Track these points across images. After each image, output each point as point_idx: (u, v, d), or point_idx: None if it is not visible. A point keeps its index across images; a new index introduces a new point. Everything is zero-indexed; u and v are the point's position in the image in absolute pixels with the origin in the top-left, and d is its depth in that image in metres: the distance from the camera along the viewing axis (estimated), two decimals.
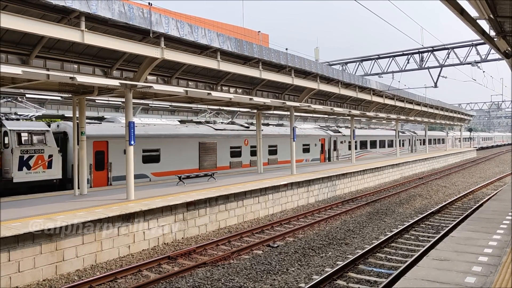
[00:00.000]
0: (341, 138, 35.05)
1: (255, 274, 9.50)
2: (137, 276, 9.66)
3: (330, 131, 34.76)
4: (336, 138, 34.40)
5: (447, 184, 26.46)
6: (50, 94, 22.49)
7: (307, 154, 30.20)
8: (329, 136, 33.62)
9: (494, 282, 5.92)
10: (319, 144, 31.86)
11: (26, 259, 9.00)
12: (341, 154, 34.83)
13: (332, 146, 33.68)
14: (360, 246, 11.78)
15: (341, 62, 34.77)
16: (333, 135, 34.08)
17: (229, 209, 14.74)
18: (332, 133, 34.41)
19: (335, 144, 34.16)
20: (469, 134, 72.72)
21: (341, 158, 34.57)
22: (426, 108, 38.47)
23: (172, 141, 20.58)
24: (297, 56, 18.46)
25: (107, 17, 10.65)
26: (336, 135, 34.61)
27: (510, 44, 12.48)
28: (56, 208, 11.61)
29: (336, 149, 34.31)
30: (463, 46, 28.00)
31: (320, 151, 31.95)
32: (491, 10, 9.04)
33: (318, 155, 31.69)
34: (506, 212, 11.04)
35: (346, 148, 35.19)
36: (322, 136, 32.51)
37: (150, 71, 13.67)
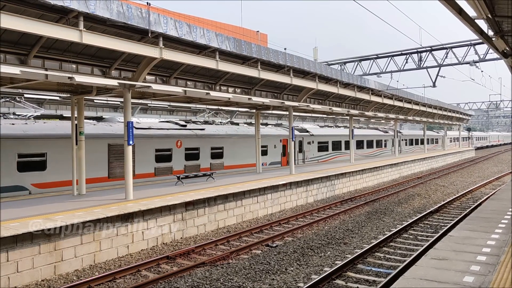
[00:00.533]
0: (309, 139, 31.28)
1: (254, 274, 9.50)
2: (136, 276, 9.65)
3: (296, 131, 30.09)
4: (302, 138, 30.64)
5: (446, 183, 26.50)
6: (49, 94, 22.44)
7: (264, 156, 25.91)
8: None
9: (492, 281, 5.93)
10: (280, 146, 28.12)
11: (25, 259, 8.99)
12: (308, 156, 31.08)
13: (298, 147, 29.92)
14: (359, 246, 11.79)
15: (339, 62, 34.77)
16: (298, 134, 30.02)
17: (228, 209, 14.74)
18: (298, 132, 30.11)
19: (301, 145, 30.49)
20: (457, 134, 71.45)
21: (308, 161, 30.99)
22: (425, 107, 38.52)
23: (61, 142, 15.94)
24: (295, 56, 18.47)
25: (105, 17, 10.63)
26: (303, 134, 30.94)
27: (508, 44, 12.50)
28: (55, 208, 11.60)
29: (302, 151, 30.72)
30: (461, 46, 28.01)
31: (281, 153, 28.35)
32: (489, 10, 9.05)
33: (279, 158, 28.05)
34: (505, 212, 11.06)
35: (315, 150, 31.82)
36: (283, 136, 28.31)
37: (148, 71, 13.66)
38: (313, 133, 32.06)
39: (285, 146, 28.22)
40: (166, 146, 20.29)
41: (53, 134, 16.09)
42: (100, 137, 17.49)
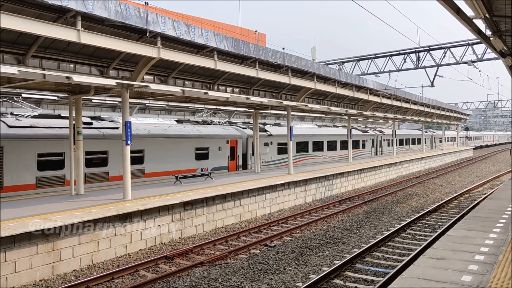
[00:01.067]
0: (266, 139, 26.85)
1: (253, 273, 9.50)
2: (134, 276, 9.64)
3: (249, 130, 26.53)
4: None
5: (444, 183, 26.55)
6: (47, 94, 22.45)
7: (205, 161, 22.29)
8: (246, 137, 25.61)
9: (490, 280, 5.94)
10: (226, 148, 23.86)
11: (23, 260, 8.96)
12: (265, 160, 26.61)
13: (251, 149, 25.55)
14: (357, 245, 11.81)
15: (338, 62, 34.79)
16: (251, 134, 25.22)
17: (226, 209, 14.73)
18: (251, 132, 25.61)
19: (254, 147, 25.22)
20: (449, 134, 67.36)
21: (265, 165, 26.36)
22: (423, 107, 38.58)
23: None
24: (294, 55, 18.47)
25: (103, 16, 10.61)
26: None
27: (506, 43, 12.53)
28: (53, 208, 11.57)
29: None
30: (459, 46, 28.07)
31: (228, 157, 24.12)
32: (487, 9, 9.07)
33: (225, 162, 23.78)
34: (502, 211, 11.09)
35: (274, 152, 27.58)
36: (231, 136, 24.45)
37: (146, 71, 13.64)
38: (271, 132, 27.67)
39: (233, 148, 24.30)
40: (56, 150, 16.23)
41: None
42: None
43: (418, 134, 53.91)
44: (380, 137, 43.24)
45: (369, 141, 40.80)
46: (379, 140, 43.11)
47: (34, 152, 15.49)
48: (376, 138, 42.45)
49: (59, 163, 16.44)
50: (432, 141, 59.74)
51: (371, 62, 32.14)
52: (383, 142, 43.83)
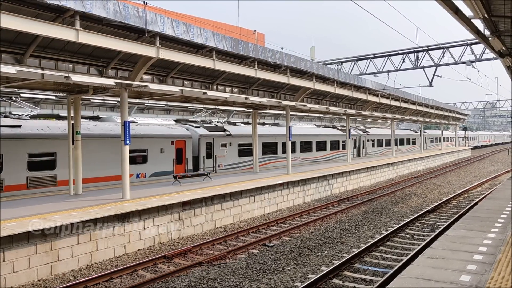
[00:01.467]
0: (224, 140, 23.86)
1: (251, 273, 9.50)
2: (133, 276, 9.63)
3: (203, 129, 23.27)
4: (213, 139, 23.25)
5: (442, 183, 26.58)
6: (45, 94, 22.40)
7: (141, 165, 19.16)
8: (198, 137, 22.49)
9: (488, 280, 5.95)
10: (171, 150, 20.77)
11: (21, 259, 8.95)
12: (222, 163, 23.66)
13: (204, 151, 22.69)
14: (355, 245, 11.81)
15: (336, 62, 34.83)
16: (205, 134, 22.70)
17: (225, 209, 14.73)
18: (205, 131, 22.98)
19: (209, 149, 22.97)
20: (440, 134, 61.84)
21: (223, 170, 23.51)
22: (422, 107, 38.63)
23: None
24: (292, 55, 18.48)
25: (102, 16, 10.60)
26: (213, 134, 23.25)
27: (504, 44, 12.55)
28: (51, 208, 11.56)
29: (213, 156, 23.21)
30: (458, 46, 28.12)
31: (174, 160, 20.99)
32: (486, 9, 9.08)
33: (170, 166, 20.68)
34: (501, 211, 11.10)
35: (234, 154, 24.55)
36: (178, 136, 21.31)
37: (145, 71, 13.63)
38: (231, 132, 24.71)
39: (181, 150, 21.26)
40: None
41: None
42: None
43: (407, 134, 51.31)
44: (363, 137, 39.62)
45: (351, 142, 35.98)
46: (363, 140, 39.50)
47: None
48: (359, 139, 38.89)
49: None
50: (423, 142, 55.19)
51: (370, 62, 32.20)
52: (367, 142, 40.09)
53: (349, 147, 30.25)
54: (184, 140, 21.54)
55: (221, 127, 24.80)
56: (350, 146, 33.75)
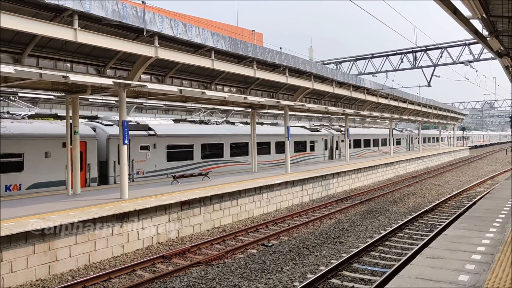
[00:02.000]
0: (143, 141, 19.39)
1: (250, 273, 9.50)
2: (131, 275, 9.62)
3: (116, 128, 18.32)
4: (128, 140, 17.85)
5: (441, 182, 26.62)
6: (43, 93, 22.33)
7: (15, 175, 15.01)
8: (106, 137, 18.26)
9: (487, 280, 5.96)
10: (63, 153, 15.63)
11: (19, 259, 8.93)
12: (144, 169, 19.41)
13: (116, 155, 18.01)
14: (354, 245, 11.82)
15: (335, 61, 34.86)
16: (116, 135, 17.46)
17: (224, 208, 14.72)
18: (100, 128, 18.54)
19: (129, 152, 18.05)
20: (430, 133, 59.29)
21: (143, 178, 19.30)
22: (420, 107, 38.66)
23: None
24: (291, 55, 18.48)
25: (100, 15, 10.59)
26: (135, 133, 18.83)
27: (502, 43, 12.58)
28: (49, 208, 11.54)
29: (131, 160, 18.62)
30: (456, 46, 28.19)
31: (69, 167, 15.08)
32: (484, 9, 9.09)
33: (60, 175, 15.94)
34: (499, 211, 11.12)
35: (160, 159, 19.99)
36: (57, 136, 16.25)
37: (144, 70, 13.61)
38: (157, 131, 20.21)
39: (81, 153, 16.20)
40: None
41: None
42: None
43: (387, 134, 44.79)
44: (337, 137, 35.51)
45: (320, 142, 32.99)
46: (336, 140, 35.33)
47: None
48: (331, 138, 34.74)
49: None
50: (409, 141, 51.87)
51: (368, 62, 32.25)
52: (341, 143, 35.55)
53: (347, 146, 30.21)
54: (84, 141, 16.90)
55: (143, 125, 20.32)
56: (321, 147, 32.71)
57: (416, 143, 52.74)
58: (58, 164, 15.90)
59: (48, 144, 16.00)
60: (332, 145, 35.02)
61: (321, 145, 33.17)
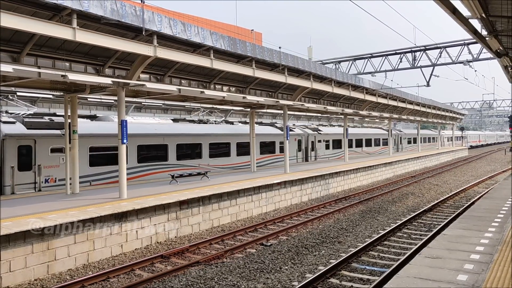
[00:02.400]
0: (54, 142, 16.41)
1: (249, 272, 9.49)
2: (130, 275, 9.61)
3: (18, 126, 15.94)
4: (34, 141, 15.88)
5: (439, 182, 26.64)
6: (42, 92, 22.30)
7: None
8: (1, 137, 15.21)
9: (485, 279, 5.96)
10: None
11: (17, 259, 8.91)
12: (56, 177, 16.35)
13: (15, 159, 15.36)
14: (353, 245, 11.82)
15: (334, 61, 34.85)
16: (14, 134, 15.42)
17: (222, 208, 14.71)
18: (19, 129, 15.76)
19: (28, 155, 15.70)
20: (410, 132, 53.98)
21: (53, 187, 16.16)
22: (419, 107, 38.69)
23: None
24: (290, 54, 18.47)
25: (99, 14, 10.57)
26: (32, 134, 15.86)
27: (501, 43, 12.58)
28: (48, 207, 11.52)
29: (34, 166, 15.73)
30: (455, 45, 28.20)
31: None
32: (483, 9, 9.10)
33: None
34: (498, 210, 11.13)
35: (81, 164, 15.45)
36: None
37: (143, 69, 13.60)
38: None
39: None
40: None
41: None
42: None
43: (376, 133, 43.33)
44: (313, 137, 32.68)
45: (293, 143, 29.96)
46: (311, 141, 32.52)
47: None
48: (306, 139, 31.94)
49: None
50: (397, 142, 48.35)
51: (368, 61, 32.25)
52: (318, 143, 33.14)
53: (346, 146, 30.20)
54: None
55: (57, 123, 16.92)
56: (293, 149, 29.44)
57: (405, 144, 50.39)
58: None
59: None
60: (307, 146, 32.13)
61: (294, 146, 30.14)
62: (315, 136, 32.93)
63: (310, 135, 32.45)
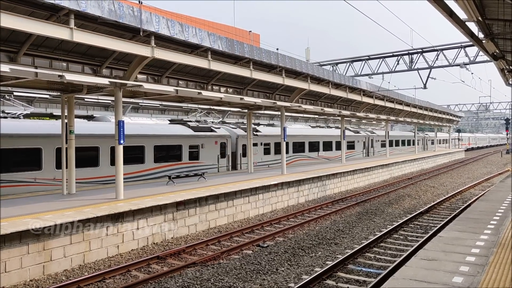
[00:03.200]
0: None
1: (245, 274, 9.49)
2: (126, 276, 9.59)
3: None
4: None
5: (436, 184, 26.70)
6: (39, 92, 22.26)
7: None
8: None
9: (481, 282, 5.98)
10: None
11: (13, 259, 8.88)
12: None
13: None
14: (349, 246, 11.83)
15: (331, 63, 34.88)
16: None
17: (219, 209, 14.71)
18: None
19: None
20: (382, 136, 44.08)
21: None
22: (416, 109, 38.79)
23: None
24: (288, 56, 18.48)
25: (96, 15, 10.55)
26: None
27: (498, 46, 12.65)
28: (43, 208, 11.48)
29: None
30: (452, 48, 28.27)
31: None
32: (480, 12, 9.14)
33: None
34: (494, 213, 11.17)
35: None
36: None
37: (140, 70, 13.57)
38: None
39: None
40: None
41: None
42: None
43: (337, 135, 33.64)
44: (244, 139, 24.81)
45: (212, 147, 23.40)
46: (243, 144, 25.33)
47: None
48: (233, 141, 25.38)
49: None
50: (368, 145, 41.52)
51: (365, 63, 32.28)
52: (260, 146, 26.54)
53: (344, 147, 30.23)
54: None
55: None
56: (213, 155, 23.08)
57: (378, 147, 43.24)
58: None
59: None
60: (236, 151, 25.38)
61: (214, 151, 23.48)
62: (239, 137, 25.76)
63: (241, 137, 25.47)
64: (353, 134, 38.84)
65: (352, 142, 38.23)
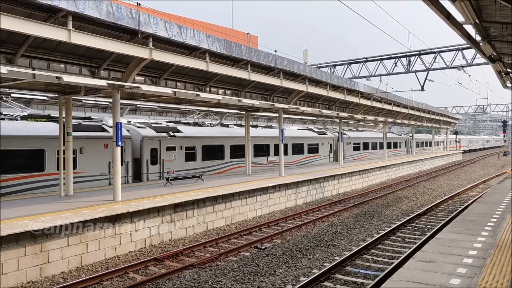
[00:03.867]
0: None
1: (243, 276, 9.48)
2: (123, 278, 9.57)
3: None
4: None
5: (433, 186, 26.74)
6: (36, 94, 22.19)
7: None
8: None
9: (478, 283, 6.00)
10: None
11: (10, 261, 8.85)
12: None
13: None
14: (347, 248, 11.84)
15: (329, 65, 34.96)
16: None
17: (217, 211, 14.69)
18: None
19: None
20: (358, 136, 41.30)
21: None
22: (413, 111, 38.89)
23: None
24: (286, 58, 18.51)
25: (94, 16, 10.55)
26: None
27: (495, 49, 12.69)
28: (41, 209, 11.44)
29: None
30: (449, 50, 28.38)
31: None
32: (477, 15, 9.19)
33: None
34: (491, 214, 11.20)
35: None
36: None
37: (138, 72, 13.58)
38: None
39: None
40: None
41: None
42: None
43: (302, 136, 31.64)
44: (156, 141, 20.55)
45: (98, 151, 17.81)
46: (153, 147, 20.38)
47: None
48: (137, 144, 19.91)
49: None
50: (334, 148, 35.65)
51: (363, 65, 32.36)
52: (166, 152, 20.89)
53: (342, 148, 30.23)
54: None
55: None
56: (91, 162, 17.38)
57: (350, 150, 37.90)
58: None
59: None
60: (142, 157, 19.94)
61: (103, 158, 17.87)
62: (160, 141, 20.64)
63: (148, 139, 20.17)
64: (316, 136, 33.41)
65: (315, 144, 32.82)
